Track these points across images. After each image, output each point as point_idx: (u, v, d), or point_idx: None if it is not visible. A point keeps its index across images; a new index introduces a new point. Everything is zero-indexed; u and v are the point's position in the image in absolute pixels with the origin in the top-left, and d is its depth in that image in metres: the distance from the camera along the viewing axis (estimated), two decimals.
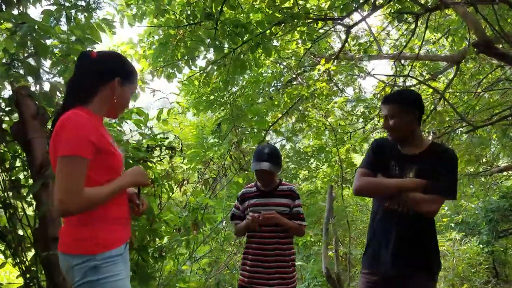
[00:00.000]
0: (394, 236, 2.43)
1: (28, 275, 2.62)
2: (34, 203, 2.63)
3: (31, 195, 2.60)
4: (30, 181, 2.66)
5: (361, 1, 4.99)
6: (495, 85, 7.34)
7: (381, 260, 2.47)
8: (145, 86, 5.18)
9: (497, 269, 9.15)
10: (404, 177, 2.44)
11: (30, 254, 2.74)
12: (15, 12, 2.80)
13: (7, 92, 2.83)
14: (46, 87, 2.74)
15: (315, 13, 5.73)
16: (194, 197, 3.62)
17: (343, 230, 7.19)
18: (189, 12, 4.64)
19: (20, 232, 2.77)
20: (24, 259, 2.76)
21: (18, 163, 2.86)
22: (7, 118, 2.82)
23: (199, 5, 4.62)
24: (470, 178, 9.09)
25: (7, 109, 2.78)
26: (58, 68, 2.71)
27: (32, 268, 2.63)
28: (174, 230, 3.62)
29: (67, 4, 2.98)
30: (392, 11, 5.90)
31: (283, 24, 5.17)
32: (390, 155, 2.54)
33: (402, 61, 7.59)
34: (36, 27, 2.48)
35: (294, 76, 6.95)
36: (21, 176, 2.91)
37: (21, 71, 2.64)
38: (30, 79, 2.61)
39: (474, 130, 5.65)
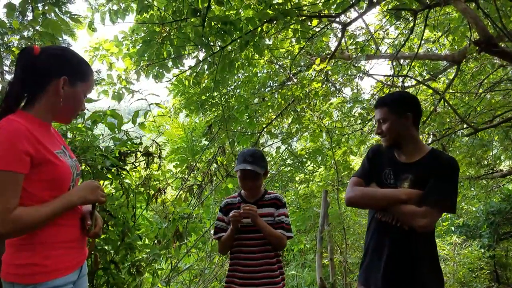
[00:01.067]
0: (386, 251, 2.24)
1: None
2: None
3: None
4: None
5: None
6: (497, 86, 7.11)
7: (373, 276, 2.28)
8: (130, 87, 4.93)
9: (498, 272, 9.00)
10: (399, 187, 2.23)
11: None
12: None
13: None
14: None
15: (310, 11, 5.49)
16: (175, 207, 3.35)
17: (340, 234, 6.95)
18: (174, 8, 4.38)
19: None
20: None
21: None
22: None
23: (185, 0, 4.36)
24: (471, 181, 8.85)
25: None
26: None
27: None
28: (155, 243, 3.37)
29: None
30: (390, 8, 5.65)
31: (274, 22, 4.92)
32: (386, 162, 2.33)
33: (401, 61, 7.36)
34: None
35: (288, 76, 6.71)
36: None
37: None
38: None
39: (476, 133, 5.40)
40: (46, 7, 2.69)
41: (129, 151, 2.84)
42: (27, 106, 1.66)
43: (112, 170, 2.67)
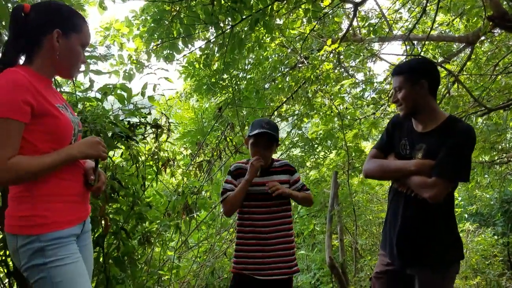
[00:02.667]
0: (399, 220, 2.25)
1: None
2: None
3: None
4: None
5: None
6: None
7: (389, 244, 2.32)
8: (141, 66, 4.95)
9: None
10: (414, 157, 2.21)
11: None
12: None
13: None
14: None
15: None
16: (184, 180, 3.38)
17: (351, 219, 6.92)
18: None
19: None
20: None
21: None
22: None
23: None
24: (485, 167, 8.69)
25: None
26: None
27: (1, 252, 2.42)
28: (165, 215, 3.41)
29: None
30: None
31: (285, 0, 4.89)
32: (404, 133, 2.32)
33: (415, 43, 7.24)
34: None
35: (299, 58, 6.65)
36: None
37: None
38: None
39: (489, 113, 5.31)
40: None
41: (138, 123, 2.86)
42: (26, 62, 1.68)
43: (123, 140, 2.70)
